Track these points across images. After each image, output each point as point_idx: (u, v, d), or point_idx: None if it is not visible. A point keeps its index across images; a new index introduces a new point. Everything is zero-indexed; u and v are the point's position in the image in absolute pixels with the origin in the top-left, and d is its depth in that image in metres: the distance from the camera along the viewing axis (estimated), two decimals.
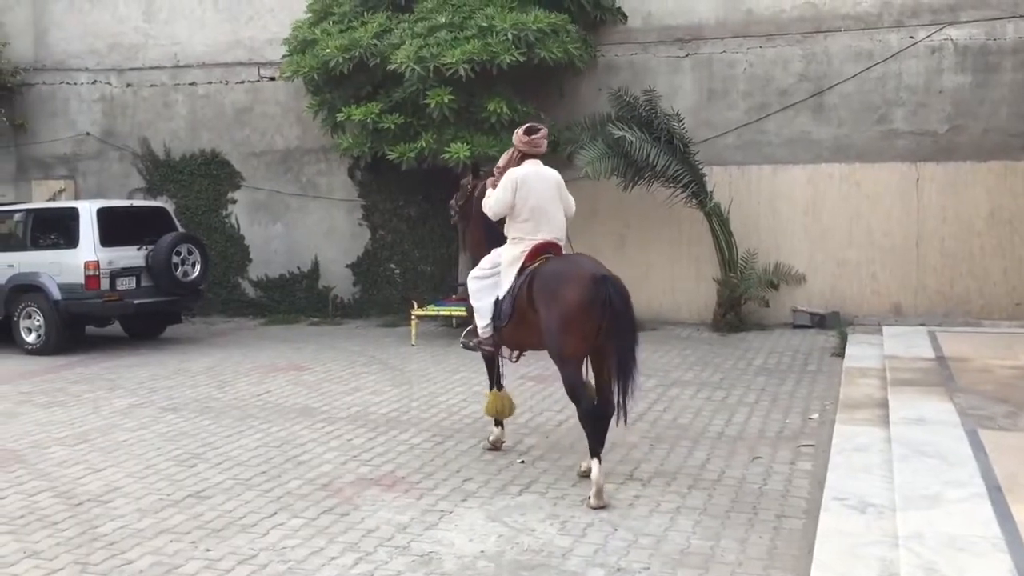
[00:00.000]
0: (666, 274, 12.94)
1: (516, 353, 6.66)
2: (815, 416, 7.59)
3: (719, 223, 12.02)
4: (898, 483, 5.24)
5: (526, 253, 6.13)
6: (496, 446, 6.86)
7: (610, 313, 5.59)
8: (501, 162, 6.40)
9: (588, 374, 5.99)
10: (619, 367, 5.63)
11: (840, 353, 9.93)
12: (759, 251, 12.40)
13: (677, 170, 11.49)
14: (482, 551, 4.94)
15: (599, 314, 5.61)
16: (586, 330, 5.68)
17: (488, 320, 6.32)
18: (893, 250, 12.08)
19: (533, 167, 6.29)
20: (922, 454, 5.73)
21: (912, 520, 4.64)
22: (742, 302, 12.15)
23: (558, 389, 8.62)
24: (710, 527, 5.22)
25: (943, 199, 11.90)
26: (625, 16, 12.82)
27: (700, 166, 11.99)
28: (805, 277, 12.37)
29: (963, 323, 11.52)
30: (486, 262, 6.50)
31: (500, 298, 6.22)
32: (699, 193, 11.81)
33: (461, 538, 5.13)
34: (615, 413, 5.72)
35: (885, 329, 10.74)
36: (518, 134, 6.33)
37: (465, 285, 9.26)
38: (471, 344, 6.75)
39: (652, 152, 11.31)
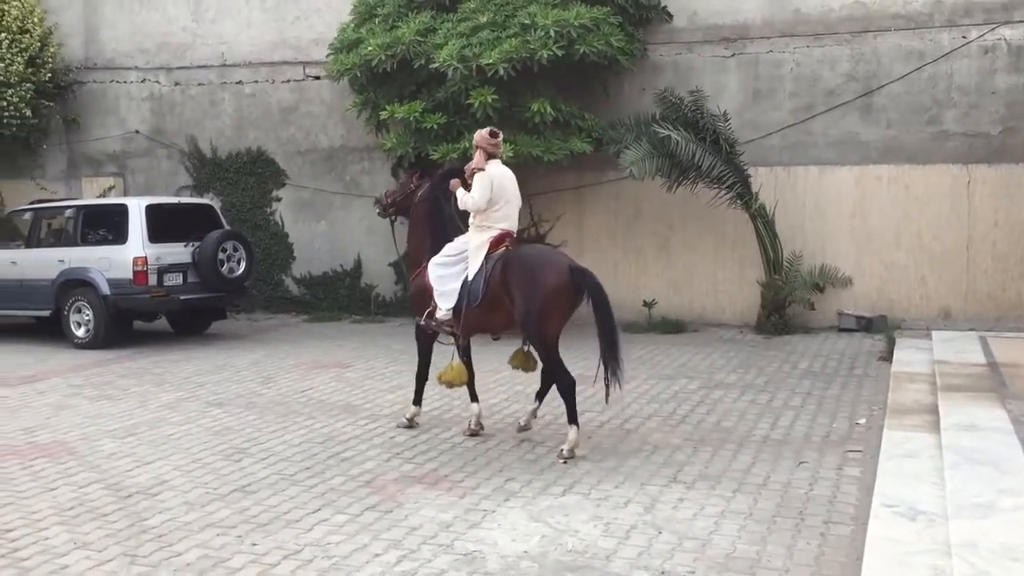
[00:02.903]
0: (709, 276, 12.84)
1: (462, 338, 7.12)
2: (863, 421, 7.48)
3: (764, 224, 11.90)
4: (950, 491, 5.14)
5: (491, 240, 6.79)
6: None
7: (592, 302, 6.48)
8: (475, 163, 6.89)
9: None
10: (607, 351, 6.47)
11: (888, 357, 9.77)
12: (804, 253, 12.25)
13: (722, 171, 11.40)
14: (525, 551, 4.93)
15: (576, 299, 6.55)
16: (565, 313, 6.58)
17: (452, 303, 6.83)
18: (943, 253, 11.87)
19: (498, 166, 6.97)
20: (974, 461, 5.61)
21: (965, 529, 4.55)
22: (787, 304, 12.01)
23: (599, 391, 8.60)
24: (756, 532, 5.16)
25: (995, 202, 11.66)
26: (670, 15, 12.73)
27: (745, 167, 11.88)
28: (851, 280, 12.20)
29: (1015, 328, 11.27)
30: (450, 249, 7.01)
31: (469, 280, 6.77)
32: (744, 194, 11.71)
33: (504, 538, 5.13)
34: (607, 392, 6.61)
35: (934, 334, 10.53)
36: (485, 136, 6.93)
37: None
38: (429, 327, 7.12)
39: (698, 152, 11.23)
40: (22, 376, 10.14)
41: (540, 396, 7.22)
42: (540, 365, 7.00)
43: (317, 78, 14.50)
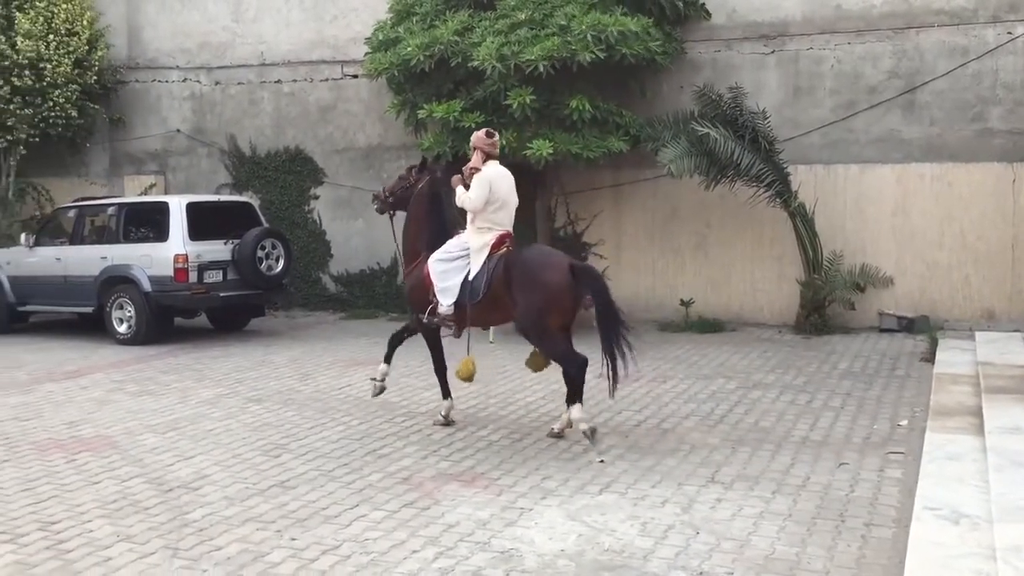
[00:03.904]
0: (747, 275, 12.74)
1: (457, 328, 7.25)
2: (904, 423, 7.38)
3: (803, 223, 11.77)
4: (994, 494, 5.05)
5: (492, 241, 6.98)
6: (448, 420, 7.53)
7: (597, 299, 6.66)
8: (474, 163, 7.09)
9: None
10: (612, 344, 6.61)
11: (930, 358, 9.64)
12: (845, 252, 12.10)
13: (761, 169, 11.29)
14: (562, 550, 4.93)
15: (577, 296, 6.74)
16: (566, 309, 6.77)
17: (454, 299, 6.99)
18: (987, 253, 11.66)
19: (496, 167, 7.12)
20: (1019, 464, 5.52)
21: (1010, 533, 4.47)
22: (826, 304, 11.87)
23: (636, 389, 8.63)
24: (795, 533, 5.11)
25: None
26: (709, 13, 12.62)
27: (784, 165, 11.76)
28: (893, 280, 12.03)
29: None
30: (452, 246, 7.17)
31: (470, 279, 6.94)
32: (783, 193, 11.59)
33: (541, 536, 5.13)
34: (612, 385, 6.72)
35: (978, 335, 10.36)
36: (482, 138, 7.12)
37: None
38: (432, 322, 7.27)
39: (736, 150, 11.13)
40: (66, 371, 10.32)
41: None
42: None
43: (355, 77, 14.58)
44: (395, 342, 7.80)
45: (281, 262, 12.61)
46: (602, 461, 6.49)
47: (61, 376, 10.05)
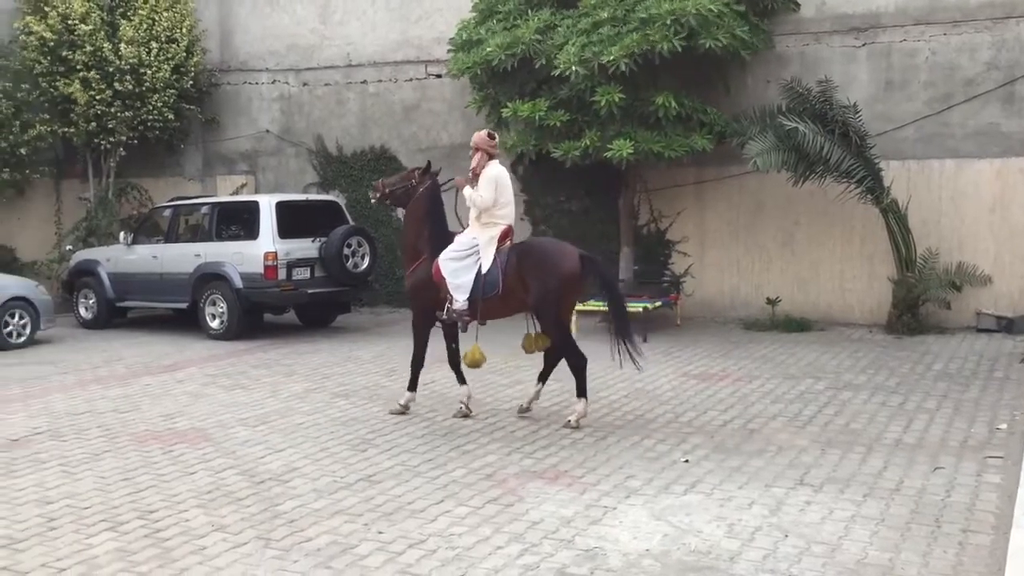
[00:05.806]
0: (836, 273, 12.45)
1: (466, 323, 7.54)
2: (1003, 426, 7.12)
3: (896, 220, 11.45)
4: None
5: (498, 236, 7.37)
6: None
7: (602, 283, 7.45)
8: (476, 165, 7.47)
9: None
10: (619, 327, 7.32)
11: None
12: (940, 250, 11.73)
13: (852, 164, 11.01)
14: (647, 549, 4.90)
15: (586, 283, 7.39)
16: (577, 296, 7.49)
17: (468, 295, 7.29)
18: None
19: (498, 167, 7.47)
20: None
21: None
22: (920, 303, 11.52)
23: (722, 388, 8.53)
24: (888, 538, 4.98)
25: None
26: (797, 4, 12.39)
27: (876, 161, 11.45)
28: (991, 278, 11.62)
29: None
30: (460, 244, 7.46)
31: (483, 272, 7.27)
32: (875, 189, 11.29)
33: (626, 535, 5.10)
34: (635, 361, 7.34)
35: None
36: (484, 139, 7.51)
37: (626, 281, 10.75)
38: (451, 318, 7.53)
39: (826, 145, 10.88)
40: (162, 365, 10.67)
41: (543, 378, 7.73)
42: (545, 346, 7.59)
43: (439, 76, 14.72)
44: (454, 362, 7.96)
45: (367, 259, 12.83)
46: (687, 461, 6.42)
47: (158, 370, 10.40)
